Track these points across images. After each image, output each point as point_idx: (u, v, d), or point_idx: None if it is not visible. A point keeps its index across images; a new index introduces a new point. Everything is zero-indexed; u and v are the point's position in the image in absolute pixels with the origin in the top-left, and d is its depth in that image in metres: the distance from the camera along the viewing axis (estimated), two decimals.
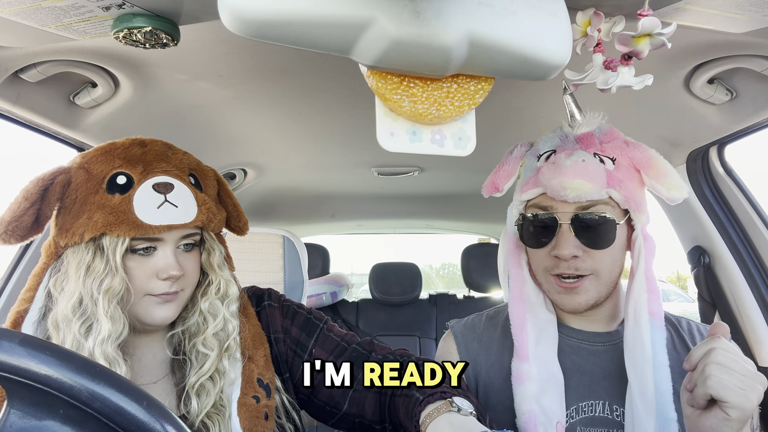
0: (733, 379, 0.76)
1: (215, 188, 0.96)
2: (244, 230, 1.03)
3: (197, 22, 0.89)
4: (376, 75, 0.78)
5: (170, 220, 0.81)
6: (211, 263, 0.92)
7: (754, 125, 1.33)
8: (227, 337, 0.91)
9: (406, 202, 2.91)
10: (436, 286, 12.65)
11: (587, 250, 0.94)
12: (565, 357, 1.01)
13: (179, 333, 0.93)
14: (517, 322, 1.02)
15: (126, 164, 0.83)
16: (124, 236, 0.79)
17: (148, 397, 0.46)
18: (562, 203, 0.94)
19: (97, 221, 0.79)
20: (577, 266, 0.94)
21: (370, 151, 1.85)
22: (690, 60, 1.12)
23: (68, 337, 0.79)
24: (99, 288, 0.78)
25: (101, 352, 0.78)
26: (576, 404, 0.98)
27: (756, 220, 1.54)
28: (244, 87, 1.28)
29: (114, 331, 0.79)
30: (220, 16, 0.64)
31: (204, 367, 0.88)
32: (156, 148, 0.89)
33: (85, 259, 0.80)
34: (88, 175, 0.83)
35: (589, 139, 0.97)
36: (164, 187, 0.83)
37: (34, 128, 1.31)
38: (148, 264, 0.83)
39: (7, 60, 1.00)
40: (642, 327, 0.92)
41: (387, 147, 0.81)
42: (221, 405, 0.88)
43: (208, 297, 0.91)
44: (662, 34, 0.77)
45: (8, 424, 0.44)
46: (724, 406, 0.76)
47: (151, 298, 0.84)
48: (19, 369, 0.43)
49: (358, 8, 0.64)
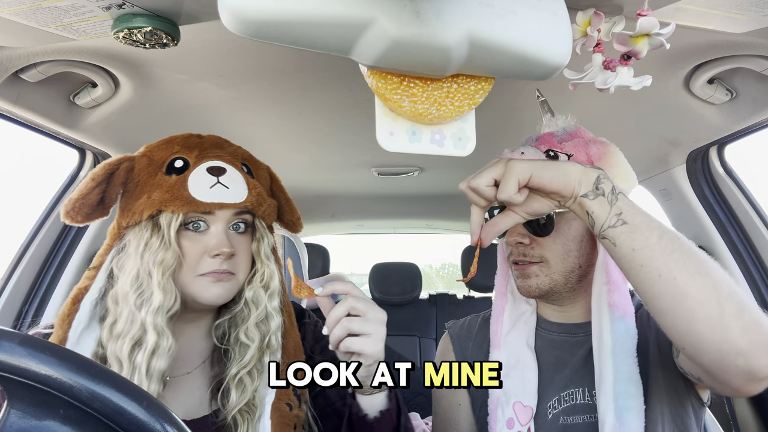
0: None
1: (268, 181, 1.01)
2: (297, 225, 1.07)
3: (197, 22, 0.89)
4: (376, 75, 0.78)
5: (221, 199, 0.86)
6: (259, 251, 0.95)
7: (754, 125, 1.33)
8: (268, 331, 0.93)
9: (406, 202, 2.91)
10: (436, 286, 12.65)
11: (534, 238, 0.99)
12: (548, 353, 1.04)
13: (225, 323, 0.95)
14: (495, 312, 1.09)
15: (183, 150, 0.90)
16: (178, 212, 0.84)
17: (149, 397, 0.46)
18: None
19: (155, 199, 0.85)
20: (525, 253, 0.99)
21: (370, 151, 1.85)
22: (690, 60, 1.12)
23: (125, 310, 0.83)
24: (154, 262, 0.83)
25: (152, 321, 0.82)
26: (558, 394, 1.00)
27: (756, 220, 1.54)
28: (245, 87, 1.28)
29: (166, 302, 0.83)
30: (220, 16, 0.64)
31: (245, 359, 0.90)
32: (212, 138, 0.96)
33: (144, 237, 0.85)
34: (149, 161, 0.90)
35: (547, 138, 1.03)
36: (217, 171, 0.89)
37: (34, 128, 1.31)
38: (200, 242, 0.87)
39: (7, 60, 1.00)
40: (602, 318, 0.95)
41: (387, 147, 0.81)
42: (253, 404, 0.90)
43: (252, 286, 0.94)
44: (661, 35, 0.77)
45: (8, 424, 0.44)
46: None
47: (205, 279, 0.87)
48: (19, 369, 0.43)
49: (358, 8, 0.64)
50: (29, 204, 2.46)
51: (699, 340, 0.69)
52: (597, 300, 0.97)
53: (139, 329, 0.82)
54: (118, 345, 0.82)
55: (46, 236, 1.59)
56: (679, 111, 1.34)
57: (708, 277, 0.70)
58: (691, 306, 0.69)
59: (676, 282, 0.69)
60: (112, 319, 0.84)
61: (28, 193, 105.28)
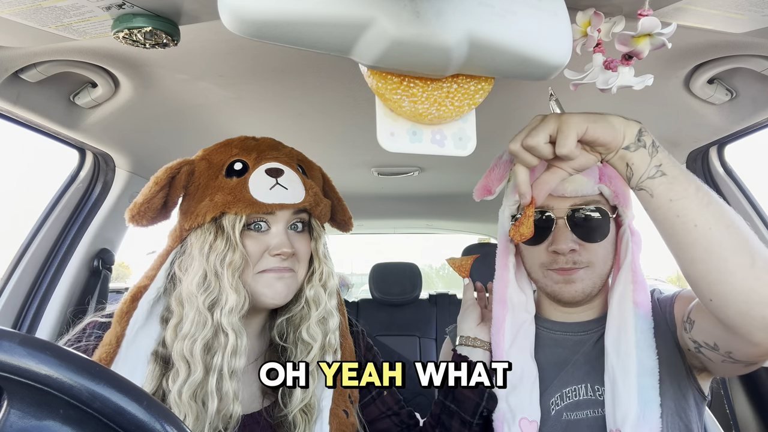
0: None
1: (321, 181, 1.03)
2: (348, 224, 1.10)
3: (197, 22, 0.89)
4: (376, 75, 0.78)
5: (281, 200, 0.88)
6: (317, 250, 0.96)
7: (754, 125, 1.33)
8: (328, 330, 0.95)
9: (406, 202, 2.91)
10: (436, 286, 12.64)
11: (583, 243, 0.98)
12: (549, 351, 1.05)
13: (283, 322, 0.97)
14: (495, 323, 1.06)
15: (242, 152, 0.92)
16: (241, 213, 0.86)
17: (149, 397, 0.46)
18: (558, 200, 0.99)
19: (217, 202, 0.86)
20: (574, 260, 0.98)
21: (370, 151, 1.85)
22: (690, 60, 1.12)
23: (191, 311, 0.84)
24: (222, 263, 0.85)
25: (228, 322, 0.84)
26: (560, 391, 1.01)
27: (756, 220, 1.54)
28: (245, 87, 1.28)
29: (238, 302, 0.85)
30: (220, 16, 0.64)
31: (309, 358, 0.92)
32: (267, 140, 0.98)
33: (208, 239, 0.86)
34: (209, 164, 0.91)
35: None
36: (275, 172, 0.90)
37: (34, 128, 1.31)
38: (262, 241, 0.89)
39: (7, 60, 1.00)
40: (626, 315, 0.96)
41: (387, 147, 0.81)
42: (311, 405, 0.91)
43: (312, 285, 0.96)
44: (662, 34, 0.77)
45: (8, 424, 0.44)
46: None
47: (268, 275, 0.89)
48: (19, 369, 0.43)
49: (358, 8, 0.64)
50: (29, 204, 2.46)
51: (729, 291, 0.71)
52: (620, 298, 0.98)
53: (210, 330, 0.83)
54: (187, 345, 0.83)
55: (46, 236, 1.59)
56: (679, 111, 1.34)
57: (740, 230, 0.72)
58: (725, 256, 0.70)
59: (711, 232, 0.71)
60: (176, 320, 0.85)
61: (28, 194, 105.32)
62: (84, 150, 1.59)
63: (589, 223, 0.99)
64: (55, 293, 1.61)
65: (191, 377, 0.81)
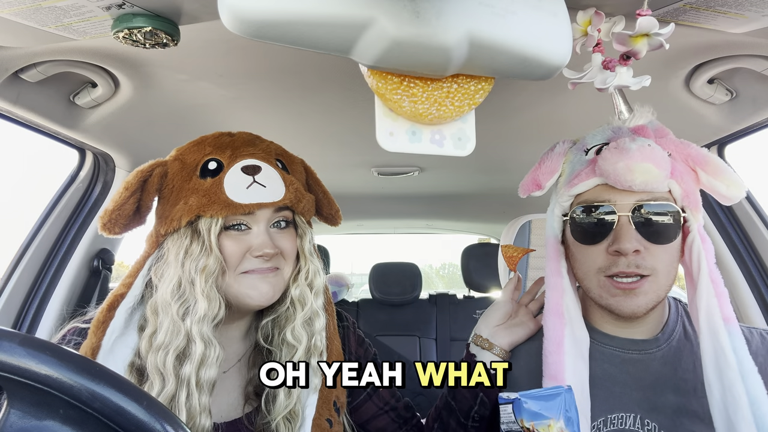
0: None
1: (303, 175, 0.99)
2: (336, 218, 1.05)
3: (197, 22, 0.89)
4: (376, 75, 0.78)
5: (259, 199, 0.84)
6: (303, 248, 0.93)
7: (754, 125, 1.33)
8: (314, 332, 0.91)
9: (406, 202, 2.91)
10: (436, 286, 12.64)
11: (648, 245, 0.86)
12: (596, 365, 0.94)
13: (269, 323, 0.93)
14: (554, 339, 0.92)
15: (216, 150, 0.87)
16: (217, 216, 0.82)
17: (149, 397, 0.46)
18: (622, 194, 0.87)
19: (192, 205, 0.82)
20: (638, 263, 0.85)
21: (370, 151, 1.85)
22: (690, 60, 1.12)
23: (166, 320, 0.81)
24: (196, 269, 0.81)
25: (198, 331, 0.80)
26: (604, 416, 0.90)
27: (756, 220, 1.54)
28: (245, 87, 1.28)
29: (210, 310, 0.81)
30: (220, 16, 0.64)
31: (293, 359, 0.88)
32: (243, 135, 0.93)
33: (184, 244, 0.83)
34: (182, 165, 0.87)
35: (644, 131, 0.91)
36: (252, 169, 0.86)
37: (34, 128, 1.31)
38: (243, 241, 0.85)
39: (7, 60, 1.00)
40: (720, 335, 0.83)
41: (387, 147, 0.81)
42: (295, 412, 0.88)
43: (298, 284, 0.92)
44: (660, 35, 0.77)
45: (8, 424, 0.44)
46: None
47: (252, 276, 0.86)
48: (19, 369, 0.43)
49: (358, 8, 0.64)
50: (29, 204, 2.46)
51: None
52: (707, 315, 0.85)
53: (183, 339, 0.80)
54: (160, 357, 0.80)
55: (46, 236, 1.59)
56: (679, 111, 1.34)
57: None
58: None
59: None
60: (151, 330, 0.82)
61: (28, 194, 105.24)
62: (84, 150, 1.59)
63: (657, 222, 0.86)
64: (55, 293, 1.61)
65: (165, 390, 0.79)
